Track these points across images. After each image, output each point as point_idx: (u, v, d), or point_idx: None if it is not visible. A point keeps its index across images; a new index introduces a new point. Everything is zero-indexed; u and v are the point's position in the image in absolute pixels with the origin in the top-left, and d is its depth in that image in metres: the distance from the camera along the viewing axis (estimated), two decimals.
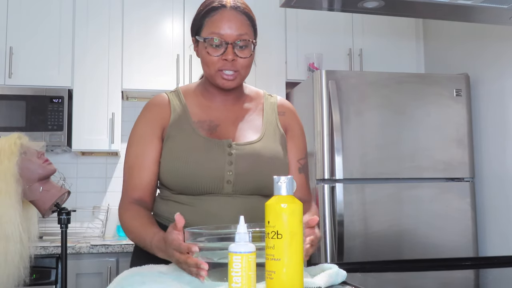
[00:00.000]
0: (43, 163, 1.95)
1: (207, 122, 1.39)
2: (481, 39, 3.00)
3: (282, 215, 0.89)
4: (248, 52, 1.35)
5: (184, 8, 3.25)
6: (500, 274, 1.38)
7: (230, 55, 1.32)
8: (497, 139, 2.87)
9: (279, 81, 3.28)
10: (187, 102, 1.42)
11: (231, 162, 1.33)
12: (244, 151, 1.35)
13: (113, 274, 2.72)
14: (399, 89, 2.87)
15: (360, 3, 1.81)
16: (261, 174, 1.34)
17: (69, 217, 2.12)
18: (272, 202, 0.91)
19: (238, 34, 1.33)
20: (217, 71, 1.34)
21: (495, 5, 1.77)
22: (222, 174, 1.32)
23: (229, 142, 1.35)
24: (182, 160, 1.32)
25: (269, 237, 0.89)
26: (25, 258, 1.81)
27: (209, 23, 1.35)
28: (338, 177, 2.69)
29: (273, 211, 0.90)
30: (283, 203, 0.90)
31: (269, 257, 0.88)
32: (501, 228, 2.83)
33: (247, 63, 1.36)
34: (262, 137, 1.39)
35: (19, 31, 3.06)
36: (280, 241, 0.88)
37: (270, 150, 1.38)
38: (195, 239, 0.99)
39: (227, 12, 1.35)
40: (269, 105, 1.47)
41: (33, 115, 2.99)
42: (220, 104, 1.43)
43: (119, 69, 3.15)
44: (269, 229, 0.89)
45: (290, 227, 0.89)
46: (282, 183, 0.91)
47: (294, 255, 0.89)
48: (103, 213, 3.33)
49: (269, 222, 0.90)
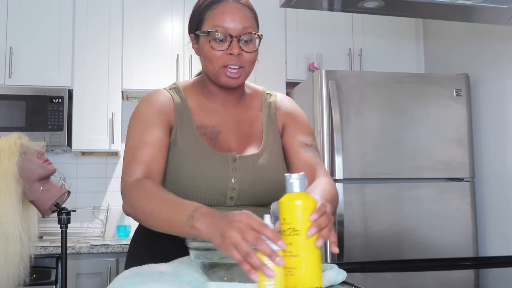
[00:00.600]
0: (43, 163, 1.95)
1: (209, 128, 1.32)
2: (481, 39, 3.00)
3: (297, 211, 0.90)
4: (253, 46, 1.28)
5: (184, 8, 3.25)
6: (500, 274, 1.37)
7: (235, 49, 1.24)
8: (497, 139, 2.87)
9: (279, 81, 3.28)
10: (189, 102, 1.34)
11: (235, 179, 1.27)
12: (248, 167, 1.29)
13: (113, 274, 2.72)
14: (399, 89, 2.87)
15: (360, 3, 1.81)
16: (264, 189, 1.30)
17: (69, 217, 2.12)
18: (286, 199, 0.92)
19: (242, 27, 1.26)
20: (221, 68, 1.26)
21: (495, 5, 1.77)
22: (225, 190, 1.26)
23: (234, 156, 1.29)
24: (183, 171, 1.26)
25: (285, 234, 0.90)
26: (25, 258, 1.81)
27: (211, 16, 1.27)
28: (338, 177, 2.69)
29: (287, 208, 0.91)
30: (296, 199, 0.91)
31: (287, 254, 0.89)
32: (501, 228, 2.83)
33: (252, 58, 1.28)
34: (263, 149, 1.33)
35: (19, 31, 3.06)
36: (297, 237, 0.89)
37: (272, 165, 1.33)
38: (195, 239, 0.99)
39: (230, 4, 1.27)
40: (267, 105, 1.41)
41: (33, 115, 2.99)
42: (221, 106, 1.36)
43: (119, 69, 3.15)
44: (285, 226, 0.90)
45: (306, 223, 0.90)
46: (295, 180, 0.92)
47: (311, 250, 0.90)
48: (103, 213, 3.33)
49: (285, 219, 0.91)
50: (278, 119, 1.40)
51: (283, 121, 1.40)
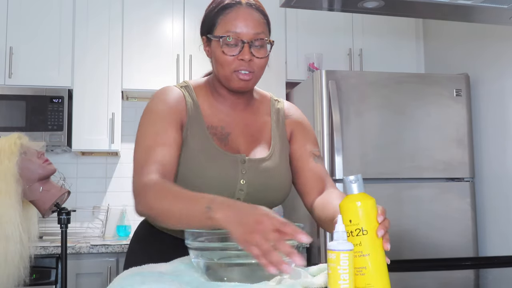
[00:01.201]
0: (43, 163, 1.95)
1: (218, 129, 1.33)
2: (481, 39, 3.00)
3: (363, 212, 0.93)
4: (264, 52, 1.28)
5: (184, 8, 3.25)
6: (500, 274, 1.38)
7: (246, 55, 1.25)
8: (497, 139, 2.87)
9: (279, 81, 3.28)
10: (199, 101, 1.34)
11: (243, 181, 1.28)
12: (257, 171, 1.30)
13: (113, 274, 2.72)
14: (399, 89, 2.87)
15: (360, 3, 1.81)
16: (271, 192, 1.32)
17: (69, 217, 2.12)
18: (348, 201, 0.95)
19: (254, 32, 1.26)
20: (232, 72, 1.27)
21: (495, 5, 1.77)
22: (233, 192, 1.28)
23: (243, 158, 1.30)
24: (193, 169, 1.26)
25: (353, 235, 0.93)
26: (25, 258, 1.81)
27: (223, 21, 1.27)
28: (338, 177, 2.69)
29: (351, 210, 0.94)
30: (359, 200, 0.94)
31: (356, 254, 0.91)
32: (501, 228, 2.83)
33: (263, 64, 1.29)
34: (272, 154, 1.35)
35: (19, 31, 3.06)
36: (366, 237, 0.92)
37: (280, 169, 1.34)
38: (195, 239, 0.99)
39: (243, 9, 1.27)
40: (275, 111, 1.43)
41: (33, 115, 2.99)
42: (230, 108, 1.36)
43: (119, 69, 3.15)
44: (352, 227, 0.93)
45: (372, 222, 0.94)
46: (354, 182, 0.95)
47: (379, 249, 0.94)
48: (103, 213, 3.33)
49: (351, 221, 0.93)
50: (287, 126, 1.43)
51: (291, 129, 1.43)
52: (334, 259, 0.87)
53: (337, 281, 0.87)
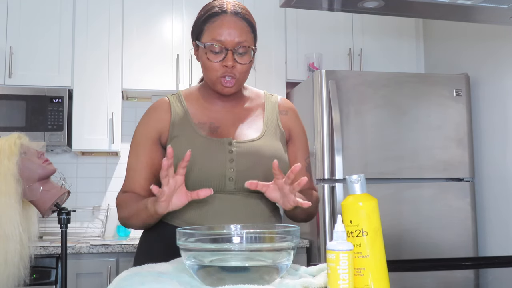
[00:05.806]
0: (43, 163, 1.95)
1: (207, 124, 1.41)
2: (481, 39, 3.00)
3: (364, 213, 0.92)
4: (247, 58, 1.37)
5: (184, 8, 3.25)
6: (500, 274, 1.38)
7: (230, 61, 1.33)
8: (497, 139, 2.87)
9: (279, 81, 3.28)
10: (188, 105, 1.44)
11: (232, 160, 1.34)
12: (245, 149, 1.37)
13: (113, 274, 2.72)
14: (399, 89, 2.87)
15: (360, 3, 1.81)
16: (262, 170, 1.35)
17: (69, 217, 2.12)
18: (350, 201, 0.94)
19: (238, 41, 1.34)
20: (217, 78, 1.36)
21: (495, 5, 1.77)
22: (223, 172, 1.33)
23: (230, 140, 1.37)
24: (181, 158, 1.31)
25: (353, 236, 0.92)
26: (25, 258, 1.80)
27: (210, 29, 1.36)
28: (338, 177, 2.69)
29: (353, 210, 0.93)
30: (361, 201, 0.93)
31: (356, 255, 0.91)
32: (501, 228, 2.83)
33: (245, 69, 1.38)
34: (262, 135, 1.41)
35: (19, 31, 3.06)
36: (366, 238, 0.92)
37: (270, 148, 1.39)
38: (186, 240, 0.97)
39: (228, 18, 1.35)
40: (270, 104, 1.49)
41: (33, 115, 2.99)
42: (220, 107, 1.45)
43: (119, 69, 3.15)
44: (352, 228, 0.92)
45: (373, 223, 0.92)
46: (356, 182, 0.94)
47: (379, 250, 0.93)
48: (103, 213, 3.33)
49: (351, 221, 0.92)
50: (282, 120, 1.48)
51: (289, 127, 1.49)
52: (333, 259, 0.87)
53: (336, 281, 0.87)
